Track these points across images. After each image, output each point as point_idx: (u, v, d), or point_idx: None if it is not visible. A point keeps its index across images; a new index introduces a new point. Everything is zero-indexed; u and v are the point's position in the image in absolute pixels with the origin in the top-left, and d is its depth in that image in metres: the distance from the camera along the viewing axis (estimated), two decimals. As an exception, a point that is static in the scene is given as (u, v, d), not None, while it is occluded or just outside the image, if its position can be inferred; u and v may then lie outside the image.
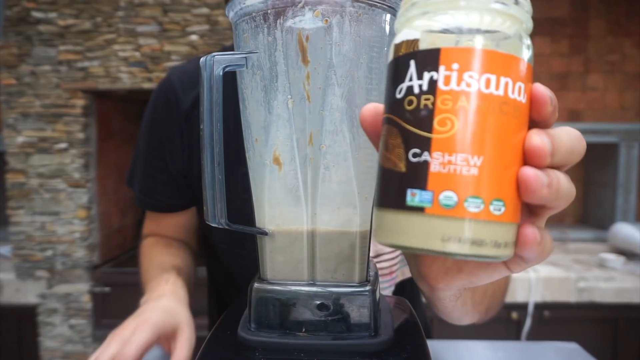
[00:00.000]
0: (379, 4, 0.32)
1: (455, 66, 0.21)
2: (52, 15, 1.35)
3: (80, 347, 1.44)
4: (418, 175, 0.21)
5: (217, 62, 0.32)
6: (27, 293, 1.42)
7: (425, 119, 0.21)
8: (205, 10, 1.35)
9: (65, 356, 1.44)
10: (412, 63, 0.22)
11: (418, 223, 0.22)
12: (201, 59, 0.32)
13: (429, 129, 0.21)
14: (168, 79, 0.62)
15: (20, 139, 1.39)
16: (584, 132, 1.67)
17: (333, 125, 0.33)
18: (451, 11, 0.22)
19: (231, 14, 0.34)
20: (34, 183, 1.40)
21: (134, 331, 0.44)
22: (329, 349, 0.34)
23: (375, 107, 0.26)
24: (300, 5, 0.31)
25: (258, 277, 0.37)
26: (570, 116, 1.78)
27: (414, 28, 0.23)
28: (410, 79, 0.22)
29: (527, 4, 0.24)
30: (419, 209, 0.21)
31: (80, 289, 1.43)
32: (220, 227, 0.34)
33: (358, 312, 0.35)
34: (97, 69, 1.37)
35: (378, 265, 0.58)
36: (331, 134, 0.33)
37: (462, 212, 0.21)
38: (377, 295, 0.36)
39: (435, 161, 0.21)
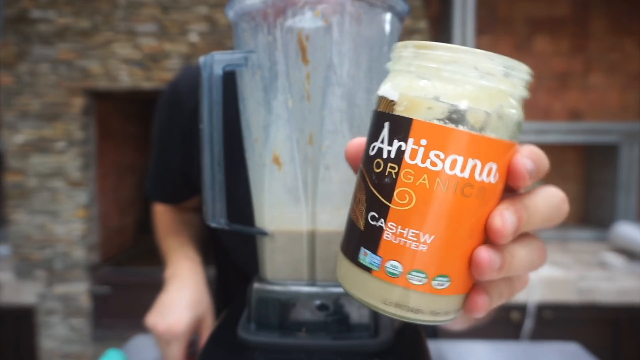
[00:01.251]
0: (379, 4, 0.32)
1: (423, 142, 0.21)
2: (51, 14, 1.35)
3: (79, 347, 1.44)
4: (372, 238, 0.22)
5: (216, 62, 0.32)
6: (26, 293, 1.42)
7: (387, 187, 0.22)
8: (205, 9, 1.35)
9: (64, 356, 1.44)
10: (387, 125, 0.22)
11: (365, 280, 0.23)
12: (200, 58, 0.32)
13: (389, 198, 0.21)
14: (174, 80, 0.64)
15: (19, 139, 1.38)
16: (584, 131, 1.68)
17: (333, 125, 0.33)
18: (433, 79, 0.21)
19: (231, 14, 0.34)
20: (33, 182, 1.39)
21: (168, 343, 0.50)
22: (329, 349, 0.34)
23: (360, 143, 0.25)
24: (300, 4, 0.31)
25: (258, 277, 0.37)
26: (571, 115, 1.78)
27: (394, 85, 0.22)
28: (382, 141, 0.22)
29: (523, 74, 0.22)
30: (368, 269, 0.22)
31: (80, 288, 1.43)
32: (219, 227, 0.34)
33: (358, 313, 0.35)
34: (96, 68, 1.37)
35: None
36: (331, 133, 0.33)
37: (404, 282, 0.22)
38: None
39: (389, 230, 0.21)
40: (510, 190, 0.23)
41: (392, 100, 0.22)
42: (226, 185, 0.35)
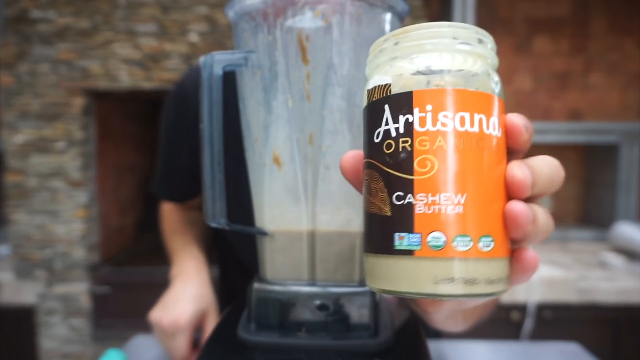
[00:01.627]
0: (379, 4, 0.32)
1: (429, 107, 0.21)
2: (51, 14, 1.35)
3: (79, 347, 1.44)
4: (404, 218, 0.21)
5: (216, 62, 0.32)
6: (26, 293, 1.42)
7: (405, 162, 0.22)
8: (205, 9, 1.35)
9: (64, 356, 1.44)
10: (387, 107, 0.23)
11: (408, 267, 0.21)
12: (200, 58, 0.32)
13: (410, 171, 0.21)
14: (181, 80, 0.65)
15: (19, 139, 1.38)
16: (584, 131, 1.68)
17: (333, 125, 0.33)
18: (420, 54, 0.23)
19: (231, 14, 0.34)
20: (33, 182, 1.39)
21: (173, 336, 0.51)
22: (329, 349, 0.34)
23: (354, 154, 0.26)
24: (300, 4, 0.31)
25: (258, 277, 0.37)
26: (571, 115, 1.78)
27: (384, 73, 0.23)
28: (387, 123, 0.22)
29: (491, 42, 0.24)
30: (408, 252, 0.21)
31: (80, 288, 1.43)
32: (219, 227, 0.34)
33: (358, 313, 0.35)
34: (96, 68, 1.37)
35: None
36: (331, 133, 0.33)
37: (452, 251, 0.21)
38: (377, 296, 0.36)
39: (420, 202, 0.21)
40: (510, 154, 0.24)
41: (386, 84, 0.23)
42: (230, 185, 0.35)
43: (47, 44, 1.35)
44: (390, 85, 0.23)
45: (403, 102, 0.22)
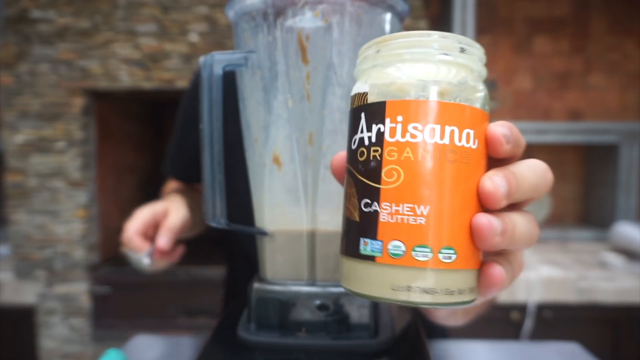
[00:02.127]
0: (379, 4, 0.32)
1: (399, 118, 0.22)
2: (51, 14, 1.35)
3: (79, 347, 1.44)
4: (369, 225, 0.22)
5: (216, 62, 0.32)
6: (26, 293, 1.42)
7: (374, 170, 0.22)
8: (205, 9, 1.35)
9: (64, 356, 1.44)
10: (363, 115, 0.23)
11: (370, 272, 0.22)
12: (200, 58, 0.32)
13: (378, 180, 0.22)
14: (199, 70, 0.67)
15: (19, 139, 1.38)
16: (584, 131, 1.68)
17: (333, 125, 0.33)
18: (398, 64, 0.23)
19: (231, 14, 0.34)
20: (33, 182, 1.39)
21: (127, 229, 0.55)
22: (329, 349, 0.34)
23: (342, 155, 0.26)
24: (300, 4, 0.31)
25: (258, 277, 0.37)
26: (571, 115, 1.78)
27: (364, 81, 0.24)
28: (362, 131, 0.23)
29: (478, 51, 0.24)
30: (371, 258, 0.22)
31: (80, 288, 1.43)
32: (219, 227, 0.34)
33: (358, 313, 0.35)
34: (96, 68, 1.37)
35: None
36: (331, 133, 0.33)
37: (411, 261, 0.21)
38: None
39: (384, 211, 0.22)
40: (494, 163, 0.24)
41: (364, 92, 0.23)
42: (233, 185, 0.35)
43: (47, 44, 1.35)
44: (367, 94, 0.23)
45: (377, 112, 0.22)
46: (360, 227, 0.23)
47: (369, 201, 0.22)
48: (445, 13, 1.66)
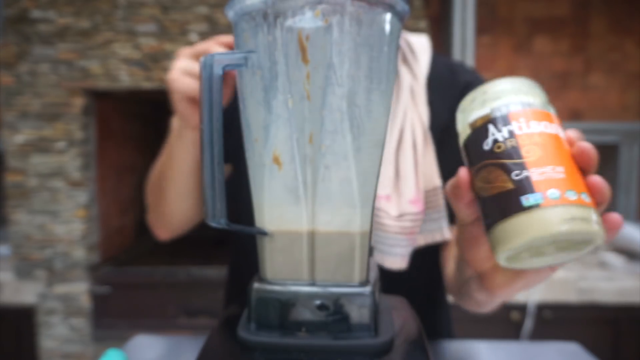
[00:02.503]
0: (379, 4, 0.32)
1: (522, 120, 0.33)
2: (51, 14, 1.35)
3: (79, 347, 1.44)
4: (526, 185, 0.30)
5: (216, 62, 0.32)
6: (26, 293, 1.42)
7: (515, 152, 0.32)
8: (205, 9, 1.35)
9: (64, 356, 1.44)
10: (491, 126, 0.34)
11: (537, 216, 0.30)
12: (200, 58, 0.32)
13: (520, 157, 0.31)
14: None
15: (19, 139, 1.38)
16: (584, 131, 1.68)
17: (333, 125, 0.33)
18: (503, 98, 0.35)
19: (231, 13, 0.34)
20: (33, 182, 1.40)
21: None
22: (329, 349, 0.34)
23: (465, 171, 0.35)
24: (300, 4, 0.31)
25: (258, 277, 0.37)
26: (571, 115, 1.78)
27: (480, 110, 0.35)
28: (493, 134, 0.33)
29: (539, 87, 0.37)
30: (535, 206, 0.30)
31: (80, 288, 1.43)
32: (219, 227, 0.34)
33: (358, 313, 0.35)
34: (96, 68, 1.37)
35: (400, 225, 0.59)
36: (331, 133, 0.33)
37: (565, 200, 0.29)
38: (378, 296, 0.36)
39: (534, 174, 0.30)
40: None
41: (486, 114, 0.35)
42: (236, 185, 0.35)
43: (47, 44, 1.35)
44: (489, 113, 0.35)
45: (504, 119, 0.33)
46: (517, 190, 0.30)
47: (518, 172, 0.31)
48: (445, 13, 1.66)
